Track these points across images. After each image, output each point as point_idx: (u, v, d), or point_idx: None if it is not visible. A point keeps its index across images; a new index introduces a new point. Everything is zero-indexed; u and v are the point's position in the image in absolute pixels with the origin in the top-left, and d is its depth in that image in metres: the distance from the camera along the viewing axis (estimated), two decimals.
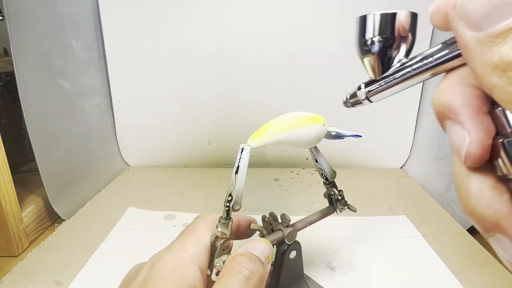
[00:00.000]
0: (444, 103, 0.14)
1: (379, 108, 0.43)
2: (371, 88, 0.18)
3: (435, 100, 0.15)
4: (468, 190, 0.14)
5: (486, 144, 0.13)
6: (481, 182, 0.14)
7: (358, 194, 0.57)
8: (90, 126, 0.62)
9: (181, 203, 0.54)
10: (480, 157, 0.13)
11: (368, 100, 0.19)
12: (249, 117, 0.67)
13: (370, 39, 0.17)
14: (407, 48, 0.17)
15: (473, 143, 0.13)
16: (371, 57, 0.17)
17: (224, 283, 0.21)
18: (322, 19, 0.62)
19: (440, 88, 0.15)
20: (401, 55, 0.17)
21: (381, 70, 0.17)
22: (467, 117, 0.13)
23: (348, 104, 0.20)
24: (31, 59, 0.47)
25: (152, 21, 0.63)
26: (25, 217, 0.44)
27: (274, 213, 0.30)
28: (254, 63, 0.64)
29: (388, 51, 0.17)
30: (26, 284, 0.36)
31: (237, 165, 0.25)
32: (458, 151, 0.14)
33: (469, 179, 0.14)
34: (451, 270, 0.37)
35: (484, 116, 0.13)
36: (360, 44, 0.17)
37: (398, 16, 0.16)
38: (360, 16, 0.17)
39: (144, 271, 0.23)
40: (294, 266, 0.31)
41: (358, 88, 0.19)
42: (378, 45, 0.17)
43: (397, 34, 0.16)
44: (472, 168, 0.14)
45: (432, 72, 0.16)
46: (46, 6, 0.51)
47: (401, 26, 0.16)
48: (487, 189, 0.13)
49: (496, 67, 0.12)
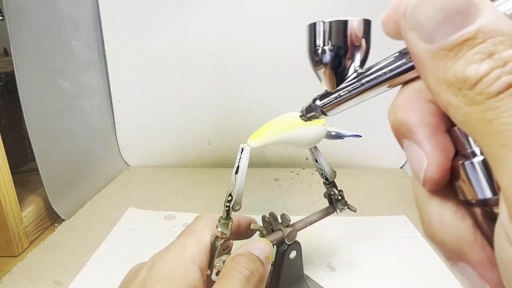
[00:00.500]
0: (399, 120, 0.13)
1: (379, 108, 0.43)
2: (325, 102, 0.17)
3: (391, 116, 0.14)
4: (428, 214, 0.13)
5: (445, 167, 0.12)
6: (442, 206, 0.13)
7: (358, 194, 0.57)
8: (90, 126, 0.62)
9: (181, 203, 0.54)
10: (438, 180, 0.12)
11: (323, 114, 0.18)
12: (249, 117, 0.67)
13: (321, 48, 0.16)
14: (362, 57, 0.16)
15: (431, 166, 0.12)
16: (323, 67, 0.16)
17: (224, 283, 0.21)
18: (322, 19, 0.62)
19: (395, 104, 0.14)
20: (355, 65, 0.16)
21: (335, 81, 0.16)
22: (424, 136, 0.12)
23: (304, 118, 0.19)
24: (31, 59, 0.47)
25: (152, 21, 0.63)
26: (25, 217, 0.44)
27: (274, 213, 0.30)
28: (254, 63, 0.64)
29: (341, 61, 0.16)
30: (26, 284, 0.36)
31: (237, 165, 0.25)
32: (416, 173, 0.13)
33: (429, 203, 0.13)
34: (451, 270, 0.37)
35: (442, 136, 0.13)
36: (311, 53, 0.16)
37: (350, 23, 0.15)
38: (309, 24, 0.16)
39: (144, 271, 0.23)
40: (294, 266, 0.31)
41: (313, 101, 0.18)
42: (329, 54, 0.16)
43: (350, 42, 0.15)
44: (432, 191, 0.13)
45: (389, 85, 0.15)
46: (46, 6, 0.51)
47: (354, 34, 0.15)
48: (448, 213, 0.12)
49: (451, 84, 0.11)
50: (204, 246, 0.25)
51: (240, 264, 0.22)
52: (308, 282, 0.33)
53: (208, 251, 0.25)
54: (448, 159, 0.12)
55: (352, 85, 0.16)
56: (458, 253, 0.12)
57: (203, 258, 0.24)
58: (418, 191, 0.13)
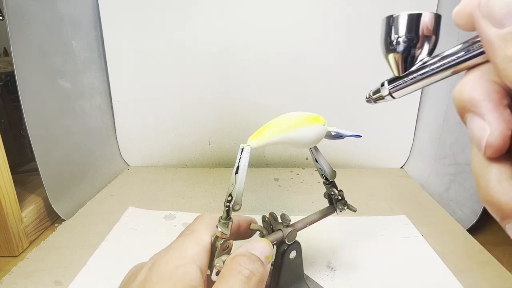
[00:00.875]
0: (465, 97, 0.15)
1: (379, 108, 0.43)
2: (394, 85, 0.19)
3: (456, 95, 0.15)
4: (486, 179, 0.14)
5: (506, 135, 0.14)
6: (499, 171, 0.14)
7: (358, 194, 0.57)
8: (90, 126, 0.62)
9: (181, 203, 0.54)
10: (499, 147, 0.14)
11: (391, 96, 0.19)
12: (249, 117, 0.67)
13: (395, 38, 0.18)
14: (430, 48, 0.18)
15: (493, 134, 0.14)
16: (395, 55, 0.18)
17: (224, 283, 0.21)
18: (322, 19, 0.62)
19: (462, 83, 0.15)
20: (424, 54, 0.18)
21: (404, 68, 0.18)
22: (488, 109, 0.14)
23: (371, 100, 0.21)
24: (31, 59, 0.47)
25: (152, 21, 0.63)
26: (25, 217, 0.44)
27: (274, 213, 0.30)
28: (254, 63, 0.64)
29: (412, 50, 0.17)
30: (26, 284, 0.36)
31: (237, 165, 0.25)
32: (478, 142, 0.14)
33: (488, 169, 0.14)
34: (451, 270, 0.37)
35: (504, 109, 0.14)
36: (386, 43, 0.18)
37: (423, 17, 0.17)
38: (386, 16, 0.18)
39: (144, 271, 0.23)
40: (294, 266, 0.31)
41: (381, 84, 0.20)
42: (403, 44, 0.17)
43: (421, 34, 0.17)
44: (491, 159, 0.14)
45: (453, 70, 0.16)
46: (46, 6, 0.51)
47: (426, 27, 0.17)
48: (505, 178, 0.14)
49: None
50: (204, 246, 0.25)
51: (240, 264, 0.22)
52: (308, 282, 0.33)
53: (208, 251, 0.25)
54: (509, 129, 0.14)
55: (419, 70, 0.18)
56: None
57: (203, 258, 0.24)
58: (477, 160, 0.15)
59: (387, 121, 0.67)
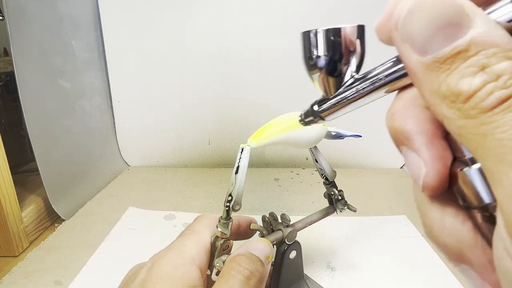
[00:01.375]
0: (397, 128, 0.13)
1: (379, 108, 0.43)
2: (323, 108, 0.17)
3: (388, 123, 0.14)
4: (430, 219, 0.13)
5: (443, 174, 0.12)
6: (442, 211, 0.13)
7: (358, 194, 0.57)
8: (90, 126, 0.62)
9: (181, 203, 0.54)
10: (437, 187, 0.13)
11: (321, 119, 0.18)
12: (249, 117, 0.67)
13: (316, 56, 0.16)
14: (357, 62, 0.16)
15: (430, 174, 0.12)
16: (319, 74, 0.16)
17: (224, 283, 0.21)
18: (322, 19, 0.62)
19: (392, 110, 0.14)
20: (352, 70, 0.16)
21: (332, 87, 0.16)
22: (422, 144, 0.12)
23: (303, 123, 0.19)
24: (31, 59, 0.47)
25: (152, 21, 0.63)
26: (25, 217, 0.44)
27: (274, 213, 0.30)
28: (254, 63, 0.64)
29: (337, 67, 0.16)
30: (26, 284, 0.36)
31: (237, 165, 0.25)
32: (415, 180, 0.13)
33: (430, 208, 0.13)
34: (451, 270, 0.37)
35: (439, 142, 0.13)
36: (307, 61, 0.16)
37: (343, 30, 0.15)
38: (303, 32, 0.16)
39: (144, 271, 0.23)
40: (294, 266, 0.31)
41: (311, 106, 0.18)
42: (325, 60, 0.16)
43: (344, 48, 0.15)
44: (432, 197, 0.13)
45: (386, 90, 0.15)
46: (46, 6, 0.51)
47: (348, 39, 0.15)
48: (449, 218, 0.13)
49: (445, 97, 0.11)
50: (204, 246, 0.25)
51: (240, 264, 0.22)
52: (308, 282, 0.33)
53: (208, 251, 0.25)
54: (446, 166, 0.13)
55: (348, 90, 0.16)
56: (460, 256, 0.12)
57: (203, 258, 0.24)
58: (419, 196, 0.14)
59: None
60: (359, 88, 0.15)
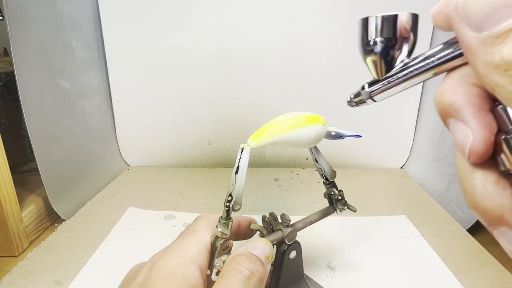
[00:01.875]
0: (446, 101, 0.14)
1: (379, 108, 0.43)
2: (374, 88, 0.19)
3: (438, 99, 0.15)
4: (472, 185, 0.14)
5: (489, 141, 0.13)
6: (484, 177, 0.14)
7: (358, 194, 0.57)
8: (90, 126, 0.62)
9: (181, 203, 0.54)
10: (483, 153, 0.14)
11: (371, 99, 0.19)
12: (249, 117, 0.67)
13: (372, 40, 0.17)
14: (409, 48, 0.17)
15: (477, 140, 0.13)
16: (374, 57, 0.18)
17: (224, 283, 0.21)
18: (322, 19, 0.62)
19: (442, 87, 0.15)
20: (403, 56, 0.17)
21: (384, 70, 0.18)
22: (470, 115, 0.14)
23: (352, 104, 0.21)
24: (31, 59, 0.47)
25: (152, 21, 0.63)
26: (25, 217, 0.44)
27: (274, 213, 0.30)
28: (254, 63, 0.64)
29: (390, 51, 0.17)
30: (26, 284, 0.36)
31: (237, 165, 0.25)
32: (461, 148, 0.14)
33: (473, 175, 0.14)
34: (451, 270, 0.37)
35: (486, 114, 0.14)
36: (363, 45, 0.18)
37: (399, 17, 0.16)
38: (362, 18, 0.18)
39: (144, 271, 0.23)
40: (294, 266, 0.31)
41: (361, 87, 0.20)
42: (380, 46, 0.17)
43: (399, 35, 0.17)
44: (476, 164, 0.14)
45: (434, 72, 0.16)
46: (46, 6, 0.51)
47: (403, 27, 0.17)
48: (490, 184, 0.14)
49: (498, 66, 0.12)
50: (204, 246, 0.25)
51: (240, 264, 0.22)
52: (308, 282, 0.33)
53: (208, 251, 0.25)
54: (492, 134, 0.14)
55: (400, 72, 0.17)
56: (500, 219, 0.13)
57: (203, 258, 0.24)
58: (462, 166, 0.15)
59: (387, 121, 0.67)
60: (410, 70, 0.17)
